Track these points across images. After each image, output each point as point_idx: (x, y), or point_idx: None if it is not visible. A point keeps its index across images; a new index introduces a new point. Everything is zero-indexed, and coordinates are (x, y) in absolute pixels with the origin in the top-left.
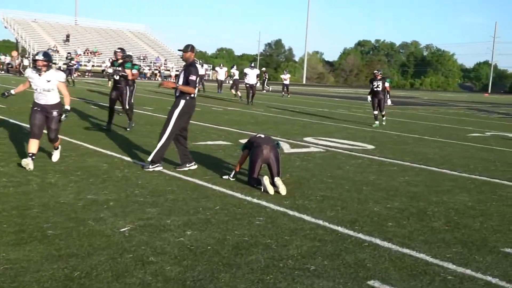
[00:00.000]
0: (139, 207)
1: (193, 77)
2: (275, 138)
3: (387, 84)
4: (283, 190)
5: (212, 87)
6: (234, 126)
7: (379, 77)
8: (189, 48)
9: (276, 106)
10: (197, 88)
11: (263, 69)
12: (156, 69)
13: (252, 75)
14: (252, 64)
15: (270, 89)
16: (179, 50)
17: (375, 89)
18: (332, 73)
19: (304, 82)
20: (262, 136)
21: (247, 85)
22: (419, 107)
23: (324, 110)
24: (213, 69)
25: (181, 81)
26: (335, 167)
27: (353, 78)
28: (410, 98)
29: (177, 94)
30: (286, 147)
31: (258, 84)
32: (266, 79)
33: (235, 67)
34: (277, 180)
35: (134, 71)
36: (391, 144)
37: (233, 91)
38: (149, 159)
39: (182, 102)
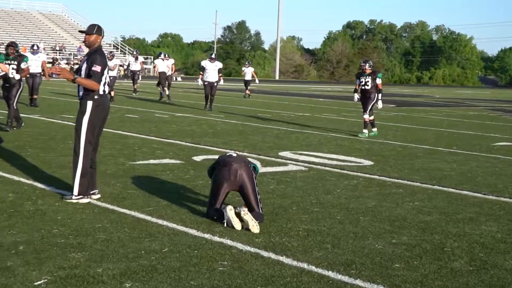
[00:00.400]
0: (59, 252)
1: (97, 68)
2: (250, 159)
3: (379, 81)
4: (255, 228)
5: (152, 85)
6: (186, 139)
7: (368, 71)
8: (94, 29)
9: (240, 111)
10: (107, 85)
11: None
12: (78, 64)
13: (211, 70)
14: (213, 55)
15: (179, 79)
16: (80, 31)
17: (363, 87)
18: (314, 65)
19: (277, 77)
20: (234, 154)
21: (206, 83)
22: (430, 108)
23: (305, 114)
24: (156, 61)
25: (83, 74)
26: (322, 191)
27: (341, 71)
28: (417, 96)
29: (81, 95)
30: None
31: (221, 82)
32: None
33: (162, 55)
34: (244, 215)
35: (25, 65)
36: (395, 158)
37: (160, 89)
38: (75, 192)
39: (90, 105)
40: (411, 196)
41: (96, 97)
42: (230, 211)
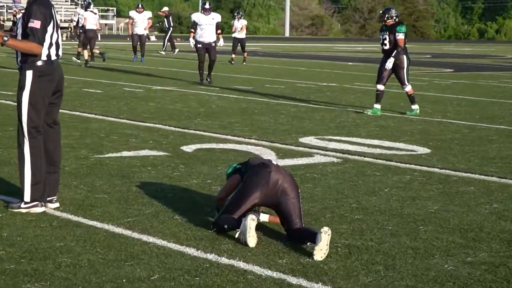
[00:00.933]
0: (8, 283)
1: (35, 24)
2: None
3: (400, 36)
4: (318, 254)
5: (118, 48)
6: (170, 122)
7: (389, 23)
8: None
9: (241, 82)
10: (55, 47)
11: (165, 9)
12: (13, 20)
13: (207, 26)
14: (207, 4)
15: (153, 38)
16: None
17: (383, 45)
18: (337, 16)
19: (287, 33)
20: (274, 162)
21: (199, 46)
22: (501, 73)
23: (331, 85)
24: (119, 15)
25: (19, 35)
26: (364, 191)
27: (375, 24)
28: (481, 57)
29: (19, 64)
30: (270, 157)
31: (222, 43)
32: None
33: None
34: (322, 234)
35: None
36: (460, 143)
37: (87, 52)
38: (25, 198)
39: (29, 76)
40: (487, 196)
41: (38, 64)
42: (251, 222)
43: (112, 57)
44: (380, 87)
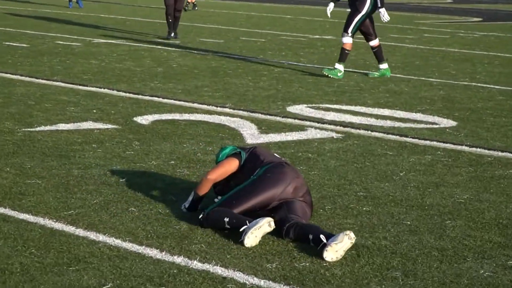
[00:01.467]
0: None
1: None
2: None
3: None
4: (333, 254)
5: None
6: (119, 85)
7: None
8: None
9: (211, 34)
10: None
11: None
12: None
13: None
14: None
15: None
16: None
17: None
18: None
19: None
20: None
21: None
22: None
23: (325, 37)
24: None
25: None
26: (373, 176)
27: None
28: None
29: None
30: (251, 131)
31: None
32: None
33: None
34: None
35: None
36: (494, 114)
37: None
38: None
39: None
40: None
41: None
42: (267, 225)
43: (37, 1)
44: (374, 42)
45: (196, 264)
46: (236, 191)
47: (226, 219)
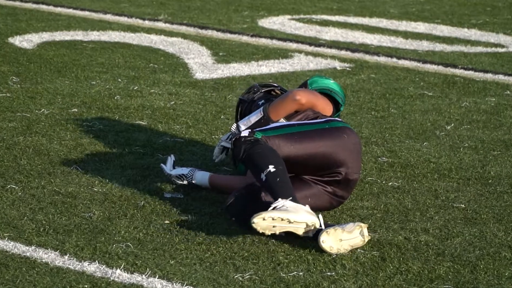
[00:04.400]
0: None
1: None
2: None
3: None
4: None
5: None
6: None
7: None
8: None
9: None
10: None
11: None
12: None
13: None
14: None
15: None
16: None
17: None
18: None
19: None
20: None
21: None
22: None
23: None
24: None
25: None
26: (404, 130)
27: None
28: None
29: None
30: (200, 60)
31: None
32: None
33: None
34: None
35: None
36: None
37: None
38: None
39: None
40: None
41: None
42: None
43: None
44: None
45: (119, 276)
46: (305, 128)
47: (271, 166)
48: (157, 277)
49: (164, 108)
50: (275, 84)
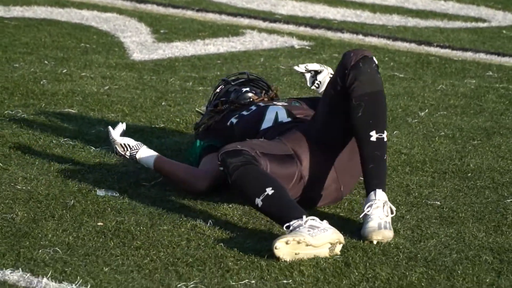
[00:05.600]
0: None
1: None
2: None
3: None
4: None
5: None
6: None
7: None
8: None
9: None
10: None
11: None
12: None
13: None
14: None
15: None
16: None
17: None
18: None
19: None
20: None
21: None
22: None
23: None
24: None
25: None
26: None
27: None
28: None
29: None
30: (139, 39)
31: None
32: None
33: None
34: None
35: None
36: None
37: None
38: None
39: None
40: None
41: None
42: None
43: None
44: None
45: (46, 285)
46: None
47: (269, 189)
48: (89, 286)
49: (97, 94)
50: (265, 80)
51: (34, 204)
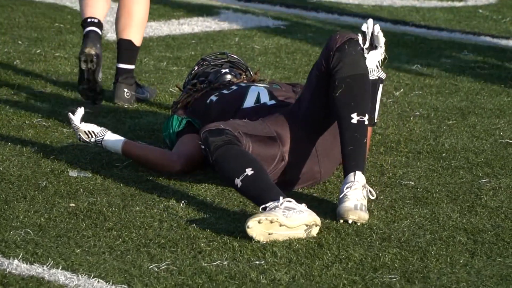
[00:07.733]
0: None
1: None
2: None
3: None
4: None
5: None
6: None
7: None
8: None
9: None
10: None
11: None
12: None
13: None
14: None
15: None
16: None
17: None
18: None
19: None
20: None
21: None
22: None
23: None
24: None
25: None
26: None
27: None
28: None
29: None
30: (113, 18)
31: None
32: None
33: None
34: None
35: None
36: None
37: None
38: None
39: None
40: None
41: None
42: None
43: None
44: None
45: (17, 267)
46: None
47: (248, 169)
48: (60, 268)
49: (71, 74)
50: (244, 62)
51: (6, 185)
